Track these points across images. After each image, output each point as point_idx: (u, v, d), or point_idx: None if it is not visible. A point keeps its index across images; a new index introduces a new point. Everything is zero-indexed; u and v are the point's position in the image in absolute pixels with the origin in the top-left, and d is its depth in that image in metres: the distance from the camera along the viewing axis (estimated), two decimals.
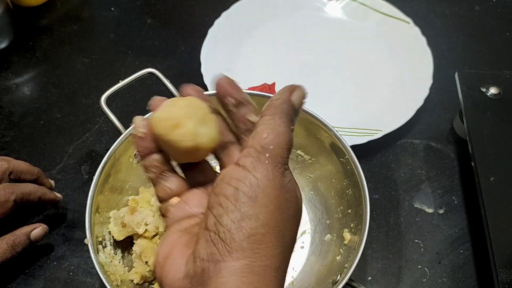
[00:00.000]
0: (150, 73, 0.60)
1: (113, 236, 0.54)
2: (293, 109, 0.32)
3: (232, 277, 0.28)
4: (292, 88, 0.33)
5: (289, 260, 0.32)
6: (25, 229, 0.54)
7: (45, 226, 0.55)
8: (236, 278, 0.28)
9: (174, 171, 0.38)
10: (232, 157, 0.37)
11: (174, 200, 0.37)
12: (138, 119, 0.36)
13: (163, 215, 0.38)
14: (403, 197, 0.64)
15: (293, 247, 0.32)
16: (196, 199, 0.37)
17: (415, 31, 0.76)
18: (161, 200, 0.37)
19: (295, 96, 0.33)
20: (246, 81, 0.71)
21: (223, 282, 0.28)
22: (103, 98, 0.58)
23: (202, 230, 0.31)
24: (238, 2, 0.79)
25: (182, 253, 0.32)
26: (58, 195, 0.59)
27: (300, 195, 0.33)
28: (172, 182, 0.37)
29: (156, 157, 0.36)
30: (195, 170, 0.38)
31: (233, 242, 0.29)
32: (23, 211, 0.57)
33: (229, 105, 0.35)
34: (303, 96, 0.33)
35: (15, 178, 0.55)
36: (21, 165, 0.56)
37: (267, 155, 0.30)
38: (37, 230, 0.55)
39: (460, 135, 0.67)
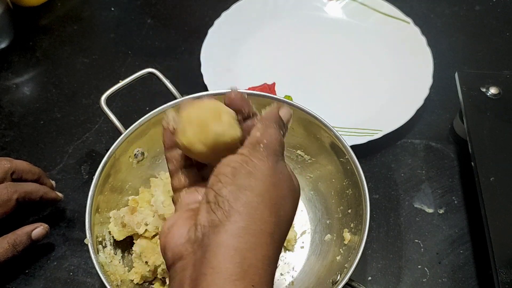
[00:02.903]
0: (150, 73, 0.60)
1: (113, 236, 0.54)
2: (280, 119, 0.37)
3: (229, 237, 0.32)
4: (280, 105, 0.38)
5: (284, 233, 0.35)
6: (26, 229, 0.54)
7: (46, 225, 0.56)
8: (232, 237, 0.32)
9: (192, 166, 0.41)
10: None
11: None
12: (171, 114, 0.38)
13: (174, 203, 0.41)
14: (403, 197, 0.64)
15: (288, 225, 0.36)
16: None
17: (415, 31, 0.76)
18: (175, 190, 0.41)
19: (283, 112, 0.38)
20: (246, 81, 0.71)
21: (221, 241, 0.32)
22: (103, 98, 0.58)
23: (203, 204, 0.34)
24: (238, 2, 0.79)
25: (185, 223, 0.35)
26: (59, 194, 0.59)
27: (297, 182, 0.37)
28: (188, 175, 0.40)
29: (179, 151, 0.40)
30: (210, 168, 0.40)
31: (231, 209, 0.32)
32: (24, 211, 0.58)
33: (238, 118, 0.39)
34: (289, 113, 0.38)
35: (17, 177, 0.55)
36: (23, 165, 0.56)
37: (261, 145, 0.35)
38: (38, 229, 0.55)
39: (460, 135, 0.67)
